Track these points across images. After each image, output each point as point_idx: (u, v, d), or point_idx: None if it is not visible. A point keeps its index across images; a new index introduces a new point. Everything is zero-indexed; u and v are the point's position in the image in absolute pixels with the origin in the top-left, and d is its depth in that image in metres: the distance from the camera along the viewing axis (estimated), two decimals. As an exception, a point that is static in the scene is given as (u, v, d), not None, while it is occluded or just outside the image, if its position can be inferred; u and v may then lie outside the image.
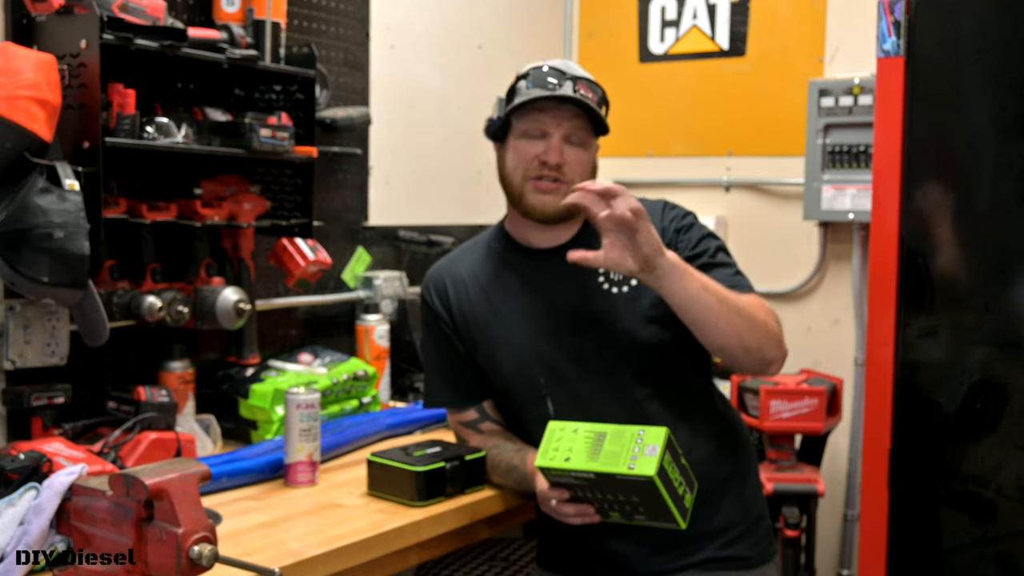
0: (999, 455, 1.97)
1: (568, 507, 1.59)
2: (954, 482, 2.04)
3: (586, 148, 1.76)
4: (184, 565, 1.11)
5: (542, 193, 1.74)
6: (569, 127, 1.73)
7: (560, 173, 1.73)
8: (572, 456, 1.53)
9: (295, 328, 2.47)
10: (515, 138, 1.77)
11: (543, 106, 1.73)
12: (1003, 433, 1.97)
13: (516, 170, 1.76)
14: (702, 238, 1.78)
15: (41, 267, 1.61)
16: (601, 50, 3.35)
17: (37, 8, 1.80)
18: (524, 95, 1.73)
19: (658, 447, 1.48)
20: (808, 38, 2.97)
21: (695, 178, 3.17)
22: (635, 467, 1.47)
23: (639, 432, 1.52)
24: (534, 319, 1.78)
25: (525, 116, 1.75)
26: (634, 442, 1.51)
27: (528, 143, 1.75)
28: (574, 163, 1.74)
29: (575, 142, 1.74)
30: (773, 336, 1.70)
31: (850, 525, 2.90)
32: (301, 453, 1.80)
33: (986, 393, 1.99)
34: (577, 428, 1.57)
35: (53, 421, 1.82)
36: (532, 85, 1.74)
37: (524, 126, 1.75)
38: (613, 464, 1.49)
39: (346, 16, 2.56)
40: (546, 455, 1.55)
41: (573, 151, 1.74)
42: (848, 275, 2.93)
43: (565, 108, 1.73)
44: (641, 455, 1.48)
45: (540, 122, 1.74)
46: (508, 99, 1.78)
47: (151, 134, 1.89)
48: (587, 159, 1.77)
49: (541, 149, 1.73)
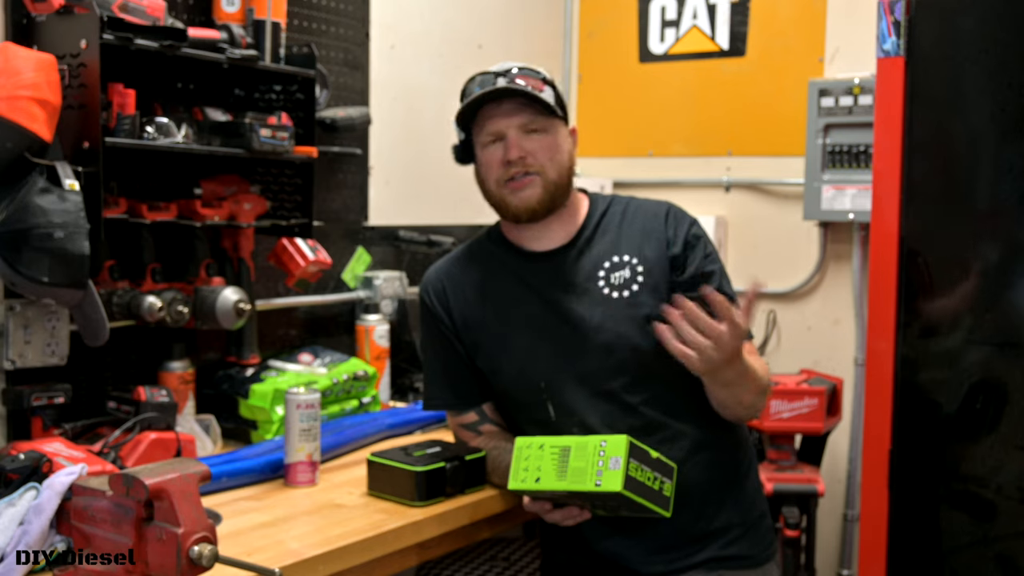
0: (999, 455, 1.97)
1: (555, 514, 1.62)
2: (954, 482, 2.04)
3: (548, 132, 1.75)
4: (184, 565, 1.10)
5: (518, 191, 1.74)
6: (520, 120, 1.73)
7: (526, 165, 1.73)
8: (541, 476, 1.53)
9: (295, 328, 2.47)
10: (480, 152, 1.78)
11: (490, 112, 1.74)
12: (1003, 433, 1.97)
13: (489, 180, 1.78)
14: (706, 257, 1.78)
15: (41, 267, 1.61)
16: (601, 50, 3.35)
17: (37, 8, 1.80)
18: (463, 105, 1.76)
19: (620, 459, 1.47)
20: (808, 38, 2.97)
21: (695, 178, 3.17)
22: (601, 483, 1.47)
23: (600, 443, 1.50)
24: (535, 323, 1.78)
25: (479, 128, 1.77)
26: (597, 455, 1.49)
27: (491, 151, 1.76)
28: (538, 151, 1.74)
29: (533, 130, 1.74)
30: (767, 392, 1.77)
31: (850, 525, 2.90)
32: (301, 453, 1.80)
33: (986, 393, 1.99)
34: (543, 444, 1.56)
35: (53, 421, 1.82)
36: (471, 94, 1.76)
37: (481, 137, 1.77)
38: (580, 482, 1.49)
39: (346, 16, 2.56)
40: (517, 477, 1.56)
41: (534, 139, 1.74)
42: (848, 275, 2.93)
43: (509, 103, 1.73)
44: (606, 469, 1.47)
45: (492, 127, 1.75)
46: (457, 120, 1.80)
47: (151, 134, 1.89)
48: (552, 143, 1.76)
49: (503, 152, 1.74)
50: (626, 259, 1.77)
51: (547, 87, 1.76)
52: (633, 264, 1.76)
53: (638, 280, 1.75)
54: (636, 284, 1.75)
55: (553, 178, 1.75)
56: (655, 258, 1.76)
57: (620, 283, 1.75)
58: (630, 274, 1.76)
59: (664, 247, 1.77)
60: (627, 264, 1.76)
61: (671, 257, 1.76)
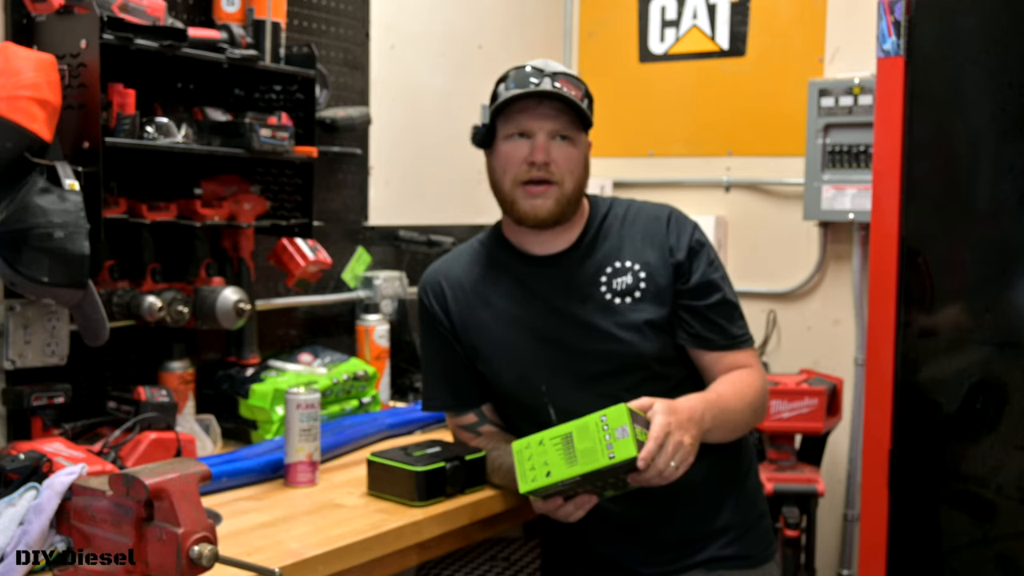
0: (999, 455, 1.97)
1: (567, 507, 1.59)
2: (954, 482, 2.04)
3: (574, 144, 1.73)
4: (184, 565, 1.10)
5: (532, 197, 1.72)
6: (554, 125, 1.71)
7: (548, 172, 1.70)
8: (551, 469, 1.52)
9: (295, 328, 2.47)
10: (501, 143, 1.74)
11: (525, 107, 1.70)
12: (1003, 433, 1.97)
13: (505, 176, 1.74)
14: (709, 264, 1.78)
15: (41, 267, 1.61)
16: (601, 50, 3.35)
17: (37, 8, 1.80)
18: (505, 96, 1.71)
19: (626, 427, 1.47)
20: (808, 38, 2.97)
21: (695, 178, 3.17)
22: (615, 454, 1.46)
23: (600, 419, 1.50)
24: (536, 327, 1.77)
25: (509, 119, 1.72)
26: (601, 431, 1.49)
27: (514, 146, 1.72)
28: (562, 161, 1.71)
29: (562, 139, 1.72)
30: (761, 406, 1.78)
31: (850, 525, 2.90)
32: (301, 453, 1.80)
33: (986, 393, 1.99)
34: (542, 439, 1.55)
35: (53, 421, 1.82)
36: (513, 86, 1.72)
37: (508, 129, 1.73)
38: (593, 461, 1.48)
39: (346, 16, 2.56)
40: (526, 479, 1.53)
41: (561, 148, 1.71)
42: (848, 275, 2.93)
43: (547, 106, 1.70)
44: (614, 440, 1.47)
45: (524, 123, 1.71)
46: (491, 103, 1.76)
47: (151, 134, 1.89)
48: (576, 156, 1.74)
49: (527, 151, 1.70)
50: (628, 264, 1.76)
51: (586, 99, 1.74)
52: (635, 270, 1.76)
53: (640, 287, 1.75)
54: (638, 291, 1.74)
55: (569, 192, 1.73)
56: (657, 264, 1.76)
57: (622, 289, 1.75)
58: (632, 280, 1.75)
59: (667, 253, 1.76)
60: (629, 270, 1.76)
61: (675, 264, 1.76)
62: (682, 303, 1.75)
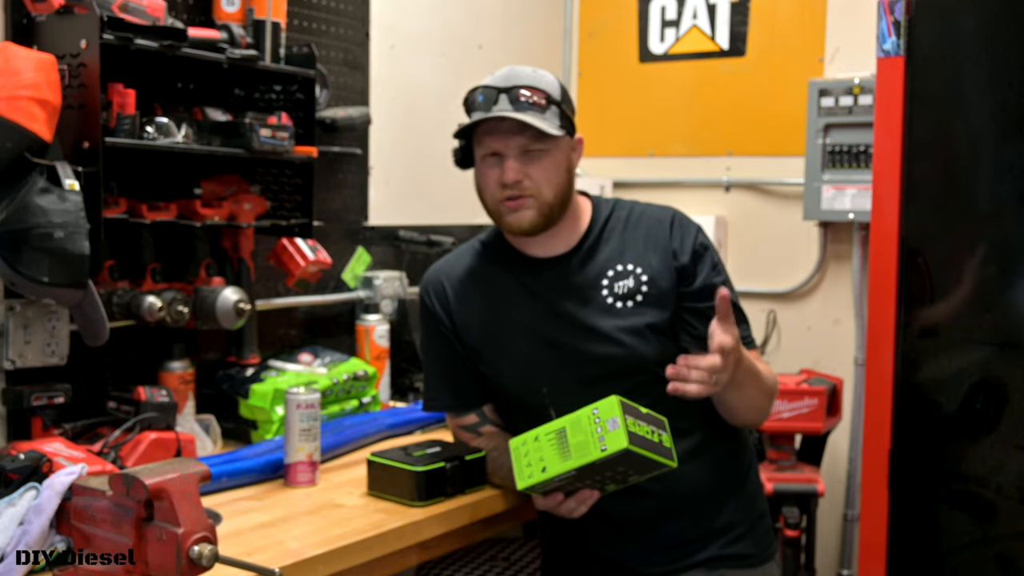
0: (999, 455, 1.97)
1: (569, 503, 1.59)
2: (954, 482, 2.04)
3: (548, 153, 1.71)
4: (184, 565, 1.10)
5: (513, 211, 1.72)
6: (520, 140, 1.69)
7: (521, 189, 1.70)
8: (547, 464, 1.53)
9: (295, 328, 2.47)
10: (479, 163, 1.76)
11: (489, 128, 1.70)
12: (1003, 433, 1.97)
13: (486, 194, 1.76)
14: (713, 268, 1.78)
15: (41, 267, 1.61)
16: (601, 50, 3.35)
17: (37, 8, 1.80)
18: (465, 123, 1.72)
19: (618, 418, 1.48)
20: (808, 38, 2.97)
21: (695, 178, 3.17)
22: (607, 447, 1.47)
23: (592, 412, 1.51)
24: (537, 329, 1.77)
25: (479, 142, 1.74)
26: (593, 424, 1.50)
27: (489, 168, 1.73)
28: (535, 172, 1.70)
29: (532, 153, 1.70)
30: (773, 395, 1.78)
31: (850, 525, 2.90)
32: (301, 453, 1.80)
33: (986, 393, 1.99)
34: (537, 435, 1.56)
35: (53, 421, 1.82)
36: (473, 107, 1.73)
37: (481, 151, 1.74)
38: (585, 454, 1.49)
39: (346, 16, 2.56)
40: (523, 475, 1.54)
41: (532, 163, 1.70)
42: (848, 275, 2.93)
43: (510, 123, 1.68)
44: (606, 432, 1.48)
45: (491, 145, 1.71)
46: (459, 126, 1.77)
47: (151, 134, 1.89)
48: (551, 164, 1.71)
49: (499, 172, 1.71)
50: (630, 268, 1.76)
51: (552, 106, 1.70)
52: (637, 274, 1.75)
53: (642, 291, 1.74)
54: (640, 295, 1.74)
55: (549, 200, 1.72)
56: (660, 268, 1.76)
57: (624, 293, 1.75)
58: (634, 284, 1.75)
59: (670, 257, 1.76)
60: (631, 273, 1.76)
61: (678, 268, 1.75)
62: (686, 305, 1.75)
